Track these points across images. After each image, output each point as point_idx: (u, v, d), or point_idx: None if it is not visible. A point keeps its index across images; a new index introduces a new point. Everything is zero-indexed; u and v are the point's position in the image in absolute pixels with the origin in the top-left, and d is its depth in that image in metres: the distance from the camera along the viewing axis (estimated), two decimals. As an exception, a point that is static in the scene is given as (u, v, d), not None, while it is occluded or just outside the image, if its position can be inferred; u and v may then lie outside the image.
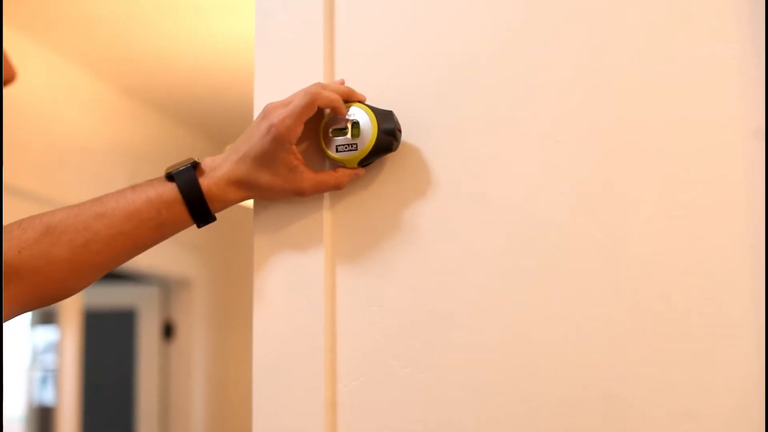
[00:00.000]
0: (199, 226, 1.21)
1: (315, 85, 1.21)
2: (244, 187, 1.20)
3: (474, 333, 1.18)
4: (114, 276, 4.58)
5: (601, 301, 1.15)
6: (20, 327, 4.56)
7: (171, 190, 1.19)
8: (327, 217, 1.24)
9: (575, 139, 1.18)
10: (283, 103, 1.19)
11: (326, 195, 1.25)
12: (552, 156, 1.18)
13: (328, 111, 1.22)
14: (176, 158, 1.33)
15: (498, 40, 1.23)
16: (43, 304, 1.21)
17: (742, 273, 1.11)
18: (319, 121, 1.23)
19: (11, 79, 0.87)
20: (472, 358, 1.18)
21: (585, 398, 1.14)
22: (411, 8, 1.27)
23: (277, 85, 1.26)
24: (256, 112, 1.25)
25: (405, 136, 1.23)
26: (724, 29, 1.15)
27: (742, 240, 1.11)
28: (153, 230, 1.19)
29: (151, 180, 1.21)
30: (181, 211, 1.19)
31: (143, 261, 1.16)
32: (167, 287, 5.14)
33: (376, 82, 1.26)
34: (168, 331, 5.12)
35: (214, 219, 1.21)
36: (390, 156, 1.24)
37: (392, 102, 1.24)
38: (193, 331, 5.13)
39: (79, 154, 4.07)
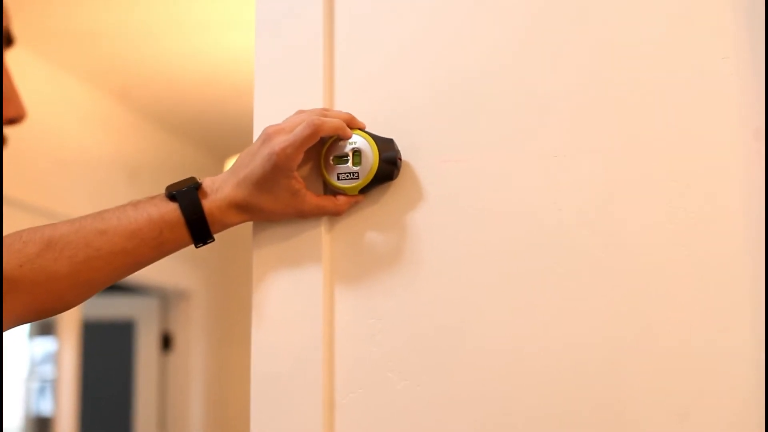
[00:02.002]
0: (197, 247, 1.22)
1: (317, 113, 1.21)
2: (245, 210, 1.21)
3: (473, 346, 1.19)
4: (113, 287, 4.55)
5: (601, 313, 1.15)
6: (18, 338, 4.56)
7: (173, 211, 1.19)
8: (326, 232, 1.25)
9: (577, 155, 1.18)
10: (284, 129, 1.19)
11: (325, 212, 1.26)
12: (553, 175, 1.19)
13: (328, 137, 1.23)
14: (176, 171, 1.34)
15: (500, 58, 1.23)
16: (40, 317, 1.21)
17: (742, 279, 1.12)
18: (320, 145, 1.23)
19: (20, 118, 0.87)
20: (470, 372, 1.19)
21: (585, 411, 1.15)
22: (412, 26, 1.28)
23: (277, 105, 1.26)
24: (256, 131, 1.25)
25: (405, 153, 1.24)
26: (723, 40, 1.16)
27: (742, 245, 1.12)
28: (153, 249, 1.19)
29: (152, 197, 1.21)
30: (183, 232, 1.19)
31: (142, 273, 1.16)
32: (166, 299, 5.13)
33: (375, 100, 1.27)
34: (166, 342, 5.12)
35: (212, 240, 1.22)
36: (390, 173, 1.25)
37: (392, 120, 1.25)
38: (192, 342, 5.13)
39: (79, 167, 4.07)
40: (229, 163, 3.94)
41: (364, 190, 1.23)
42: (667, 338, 1.13)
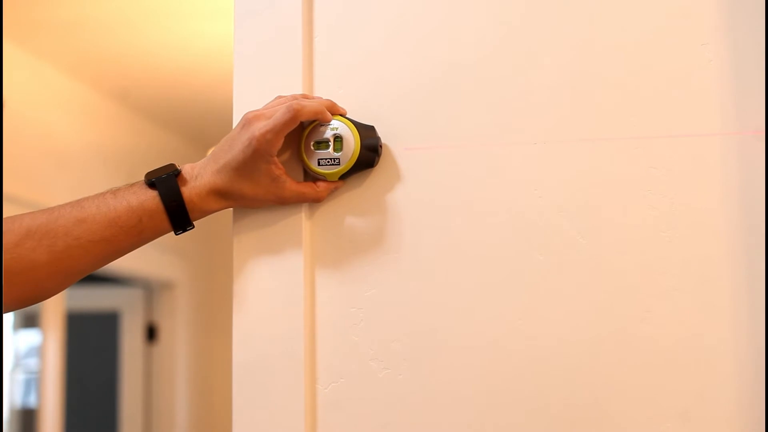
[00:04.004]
0: (177, 234, 1.22)
1: (297, 97, 1.21)
2: (226, 197, 1.20)
3: (454, 335, 1.19)
4: (97, 278, 4.57)
5: (582, 301, 1.16)
6: (2, 330, 4.55)
7: (152, 198, 1.19)
8: (306, 219, 1.24)
9: (558, 143, 1.19)
10: (264, 114, 1.18)
11: (305, 200, 1.25)
12: (534, 163, 1.19)
13: (308, 123, 1.22)
14: (158, 160, 1.33)
15: (482, 47, 1.23)
16: (20, 306, 1.21)
17: (724, 265, 1.13)
18: (300, 130, 1.23)
19: None
20: (452, 360, 1.19)
21: (572, 403, 1.15)
22: (393, 14, 1.27)
23: (256, 92, 1.26)
24: (236, 116, 1.25)
25: (385, 140, 1.24)
26: (703, 26, 1.17)
27: (730, 234, 1.13)
28: (133, 237, 1.19)
29: (131, 185, 1.21)
30: (162, 220, 1.19)
31: (126, 263, 1.16)
32: (150, 290, 5.12)
33: (356, 87, 1.26)
34: (151, 333, 5.11)
35: (192, 227, 1.21)
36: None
37: (373, 107, 1.25)
38: (176, 333, 5.12)
39: (61, 157, 4.06)
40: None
41: (345, 177, 1.23)
42: (650, 332, 1.14)
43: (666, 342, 1.13)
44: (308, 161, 1.22)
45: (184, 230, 1.21)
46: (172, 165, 1.21)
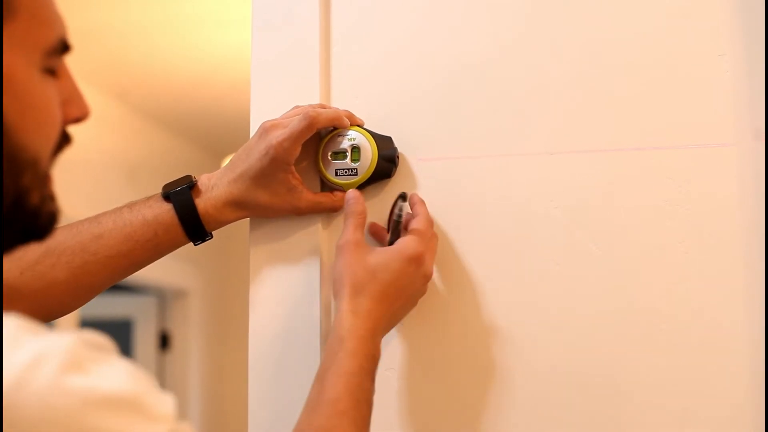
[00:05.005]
0: (195, 245, 1.22)
1: (314, 106, 1.21)
2: (242, 207, 1.20)
3: (469, 344, 1.19)
4: (110, 286, 4.57)
5: (598, 310, 1.16)
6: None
7: (168, 211, 1.19)
8: (323, 228, 1.24)
9: (573, 152, 1.19)
10: (281, 123, 1.18)
11: (321, 210, 1.25)
12: (550, 172, 1.19)
13: (326, 133, 1.23)
14: (173, 169, 1.33)
15: (496, 56, 1.24)
16: (42, 322, 1.21)
17: (741, 277, 1.12)
18: (318, 141, 1.23)
19: (85, 116, 0.87)
20: (467, 369, 1.19)
21: (583, 410, 1.15)
22: (409, 23, 1.28)
23: (274, 101, 1.26)
24: (253, 127, 1.25)
25: (402, 149, 1.24)
26: (719, 37, 1.17)
27: (741, 242, 1.13)
28: (150, 251, 1.20)
29: (148, 198, 1.21)
30: (178, 232, 1.19)
31: (140, 272, 1.17)
32: (164, 298, 5.13)
33: (373, 96, 1.26)
34: (164, 341, 5.12)
35: (210, 237, 1.22)
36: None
37: (390, 117, 1.25)
38: (190, 341, 5.13)
39: (76, 166, 4.06)
40: (226, 161, 3.93)
41: (362, 187, 1.23)
42: (665, 336, 1.14)
43: (679, 349, 1.13)
44: (325, 171, 1.22)
45: (203, 240, 1.21)
46: (188, 177, 1.21)
